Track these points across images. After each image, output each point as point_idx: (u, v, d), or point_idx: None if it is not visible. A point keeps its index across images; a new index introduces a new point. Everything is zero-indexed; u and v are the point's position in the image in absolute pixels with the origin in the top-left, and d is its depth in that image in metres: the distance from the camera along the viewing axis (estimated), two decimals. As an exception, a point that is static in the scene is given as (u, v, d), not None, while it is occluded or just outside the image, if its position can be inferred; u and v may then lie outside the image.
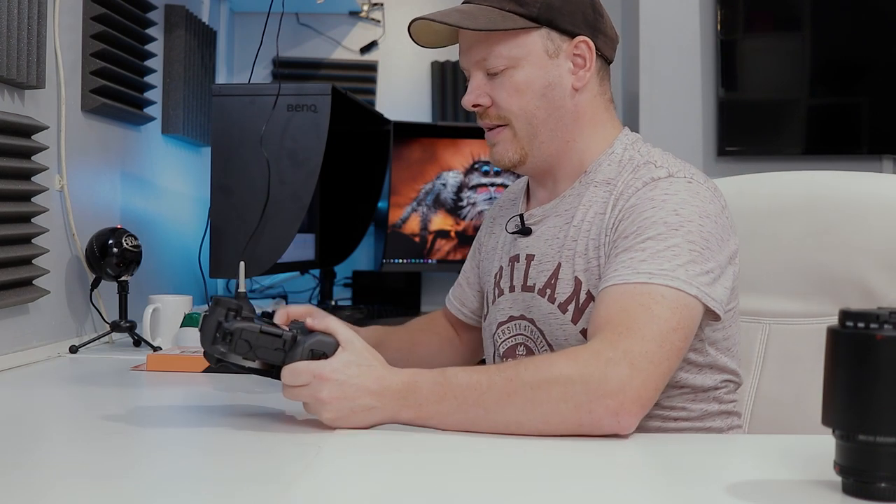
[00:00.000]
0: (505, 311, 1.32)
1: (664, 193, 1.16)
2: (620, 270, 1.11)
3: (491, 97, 1.25)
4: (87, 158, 1.91)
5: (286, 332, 1.07)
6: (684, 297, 1.09)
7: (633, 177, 1.21)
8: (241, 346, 1.06)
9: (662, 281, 1.08)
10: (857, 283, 1.37)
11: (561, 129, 1.26)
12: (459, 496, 0.85)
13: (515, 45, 1.23)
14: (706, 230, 1.14)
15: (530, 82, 1.23)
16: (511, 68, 1.23)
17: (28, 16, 1.60)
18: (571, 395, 1.01)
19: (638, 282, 1.09)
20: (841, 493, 0.81)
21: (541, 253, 1.28)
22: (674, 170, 1.20)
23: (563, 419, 1.02)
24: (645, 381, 1.02)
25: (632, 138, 1.30)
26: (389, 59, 3.09)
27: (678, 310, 1.08)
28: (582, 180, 1.27)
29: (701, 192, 1.18)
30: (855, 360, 0.77)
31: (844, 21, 2.75)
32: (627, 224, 1.16)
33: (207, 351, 1.08)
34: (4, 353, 1.55)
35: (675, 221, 1.13)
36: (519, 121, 1.24)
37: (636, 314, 1.06)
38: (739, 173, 1.58)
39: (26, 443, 1.07)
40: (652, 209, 1.15)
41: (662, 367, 1.05)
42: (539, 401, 1.02)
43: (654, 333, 1.05)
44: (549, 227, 1.28)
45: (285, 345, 1.06)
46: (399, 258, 2.66)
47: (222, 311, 1.07)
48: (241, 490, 0.86)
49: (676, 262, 1.10)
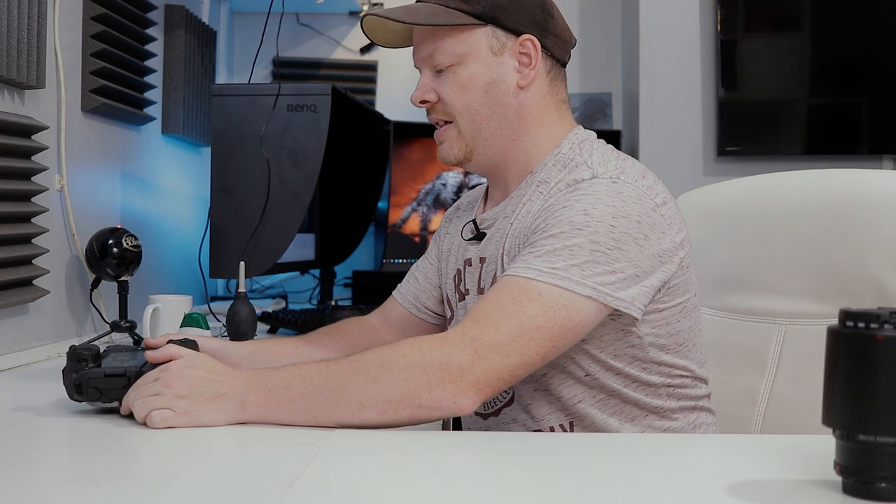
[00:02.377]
0: (463, 314, 1.32)
1: (581, 194, 1.16)
2: (515, 265, 1.13)
3: (437, 93, 1.27)
4: (87, 158, 1.91)
5: (130, 369, 1.12)
6: (570, 296, 1.09)
7: (563, 178, 1.21)
8: (93, 393, 1.12)
9: (548, 280, 1.09)
10: (873, 284, 1.36)
11: (505, 126, 1.26)
12: (459, 496, 0.85)
13: (460, 42, 1.24)
14: (619, 230, 1.13)
15: (474, 78, 1.25)
16: (456, 65, 1.25)
17: (28, 16, 1.60)
18: (412, 375, 1.03)
19: (523, 276, 1.10)
20: (841, 493, 0.81)
21: (490, 255, 1.28)
22: (601, 171, 1.19)
23: (402, 397, 1.03)
24: (486, 369, 1.04)
25: (581, 137, 1.28)
26: (389, 59, 3.09)
27: (552, 309, 1.08)
28: (528, 180, 1.27)
29: (625, 191, 1.16)
30: (855, 360, 0.77)
31: (844, 21, 2.75)
32: (539, 223, 1.17)
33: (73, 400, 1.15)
34: (4, 353, 1.56)
35: (581, 221, 1.13)
36: (463, 117, 1.26)
37: (503, 307, 1.08)
38: (739, 173, 1.58)
39: (26, 443, 1.07)
40: (563, 209, 1.15)
41: (512, 360, 1.06)
42: (381, 378, 1.04)
43: (511, 327, 1.06)
44: (498, 230, 1.28)
45: (130, 381, 1.12)
46: (399, 258, 2.67)
47: (73, 363, 1.14)
48: (240, 490, 0.86)
49: (571, 262, 1.10)
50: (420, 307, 1.46)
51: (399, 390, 1.03)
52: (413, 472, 0.93)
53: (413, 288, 1.48)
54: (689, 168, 2.80)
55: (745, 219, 1.49)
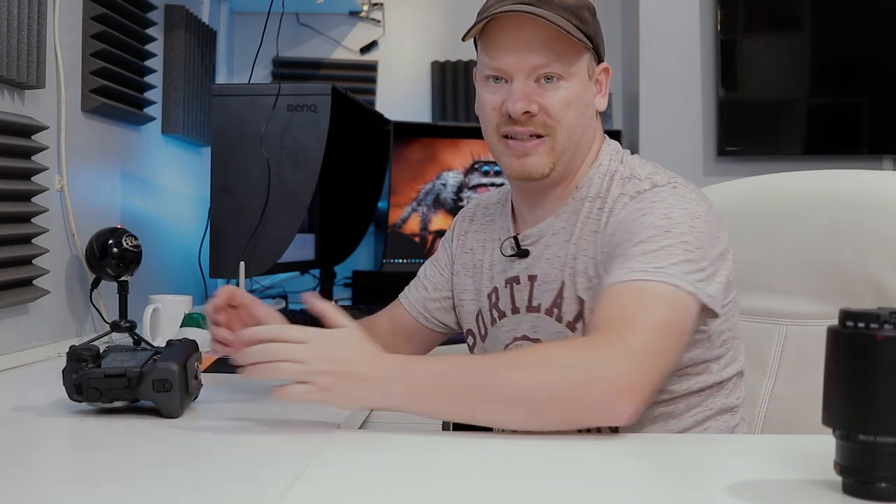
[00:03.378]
0: (508, 332, 1.31)
1: (650, 202, 1.18)
2: (615, 272, 1.12)
3: (540, 105, 1.22)
4: (87, 158, 1.91)
5: (130, 369, 1.11)
6: (680, 293, 1.09)
7: (621, 191, 1.23)
8: (93, 393, 1.12)
9: (657, 277, 1.09)
10: (873, 284, 1.37)
11: (583, 147, 1.27)
12: (459, 496, 0.85)
13: (575, 57, 1.23)
14: (697, 230, 1.15)
15: (578, 97, 1.24)
16: (564, 80, 1.22)
17: (28, 16, 1.60)
18: (570, 375, 1.01)
19: (631, 279, 1.10)
20: (841, 493, 0.81)
21: (543, 273, 1.27)
22: (656, 179, 1.22)
23: (558, 397, 1.00)
24: (644, 372, 1.02)
25: (614, 148, 1.31)
26: (389, 59, 3.09)
27: (673, 305, 1.09)
28: (574, 196, 1.27)
29: (686, 194, 1.20)
30: (855, 360, 0.77)
31: (844, 21, 2.75)
32: (620, 234, 1.18)
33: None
34: (4, 353, 1.56)
35: (665, 224, 1.15)
36: (562, 134, 1.23)
37: (632, 309, 1.07)
38: (739, 173, 1.58)
39: (26, 443, 1.07)
40: (642, 216, 1.17)
41: (660, 360, 1.05)
42: (532, 377, 1.01)
43: (649, 326, 1.05)
44: (549, 247, 1.28)
45: (131, 382, 1.11)
46: (399, 258, 2.67)
47: (73, 363, 1.14)
48: (240, 490, 0.86)
49: (670, 261, 1.11)
50: (429, 317, 1.45)
51: (555, 387, 1.01)
52: (413, 472, 0.93)
53: (421, 296, 1.46)
54: (689, 168, 2.80)
55: (746, 219, 1.49)
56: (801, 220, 1.44)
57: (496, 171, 2.74)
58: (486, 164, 2.74)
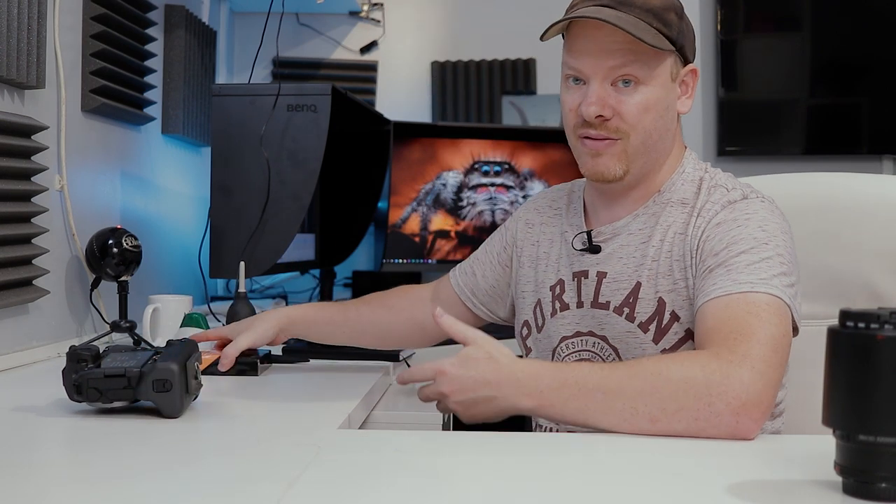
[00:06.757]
0: (570, 325, 1.31)
1: (744, 213, 1.20)
2: (719, 283, 1.13)
3: (614, 109, 1.22)
4: (87, 158, 1.91)
5: (131, 370, 1.12)
6: (783, 305, 1.11)
7: (709, 199, 1.24)
8: (93, 394, 1.12)
9: (763, 289, 1.10)
10: (865, 286, 1.39)
11: (662, 150, 1.27)
12: (459, 496, 0.85)
13: (653, 61, 1.21)
14: (788, 246, 1.18)
15: (657, 101, 1.23)
16: (643, 84, 1.21)
17: (28, 16, 1.60)
18: (693, 387, 1.01)
19: (740, 291, 1.11)
20: (841, 493, 0.81)
21: (615, 271, 1.27)
22: (746, 191, 1.24)
23: (680, 407, 1.01)
24: (766, 385, 1.03)
25: (695, 157, 1.33)
26: (389, 59, 3.09)
27: (782, 317, 1.10)
28: (656, 199, 1.28)
29: (775, 210, 1.22)
30: (855, 360, 0.77)
31: (844, 21, 2.75)
32: (715, 243, 1.18)
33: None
34: (4, 353, 1.56)
35: (763, 237, 1.16)
36: (637, 138, 1.23)
37: (746, 321, 1.08)
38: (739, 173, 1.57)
39: (26, 443, 1.07)
40: (738, 227, 1.18)
41: (779, 372, 1.06)
42: (659, 387, 1.02)
43: (767, 338, 1.06)
44: (623, 246, 1.28)
45: (131, 382, 1.11)
46: (399, 258, 2.66)
47: (73, 363, 1.14)
48: (240, 490, 0.86)
49: (771, 273, 1.12)
50: (475, 303, 1.47)
51: (678, 400, 1.01)
52: (413, 472, 0.93)
53: (470, 282, 1.47)
54: (689, 168, 2.80)
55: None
56: (793, 223, 1.44)
57: (496, 171, 2.74)
58: (486, 164, 2.74)
